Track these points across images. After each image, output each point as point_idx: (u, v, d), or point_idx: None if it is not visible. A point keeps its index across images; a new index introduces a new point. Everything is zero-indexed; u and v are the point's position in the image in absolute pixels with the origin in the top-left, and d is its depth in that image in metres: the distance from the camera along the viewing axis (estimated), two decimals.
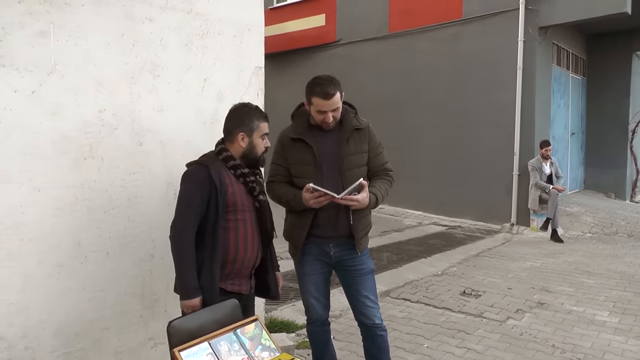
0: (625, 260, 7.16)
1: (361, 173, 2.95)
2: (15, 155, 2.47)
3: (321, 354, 3.24)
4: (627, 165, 11.57)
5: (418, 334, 4.47)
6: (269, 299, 2.92)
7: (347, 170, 2.91)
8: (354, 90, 10.61)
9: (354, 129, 2.95)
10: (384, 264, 6.81)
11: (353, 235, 2.95)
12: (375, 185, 2.97)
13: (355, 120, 2.98)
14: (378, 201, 2.93)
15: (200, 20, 3.23)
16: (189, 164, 2.63)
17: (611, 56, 11.43)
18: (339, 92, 2.86)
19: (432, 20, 10.44)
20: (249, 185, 2.63)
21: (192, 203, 2.48)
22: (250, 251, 2.64)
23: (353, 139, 2.95)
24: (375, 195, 2.90)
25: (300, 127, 2.99)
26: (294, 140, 2.96)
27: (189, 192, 2.51)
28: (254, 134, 2.63)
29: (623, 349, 4.16)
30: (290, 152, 2.97)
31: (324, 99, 2.81)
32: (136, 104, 2.93)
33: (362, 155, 2.97)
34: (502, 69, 9.48)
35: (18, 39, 2.46)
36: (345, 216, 2.91)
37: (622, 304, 5.26)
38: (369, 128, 3.03)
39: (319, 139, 2.94)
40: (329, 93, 2.80)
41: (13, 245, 2.49)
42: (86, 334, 2.79)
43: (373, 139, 3.03)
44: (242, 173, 2.62)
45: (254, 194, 2.64)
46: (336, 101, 2.85)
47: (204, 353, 2.08)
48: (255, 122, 2.63)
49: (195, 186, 2.49)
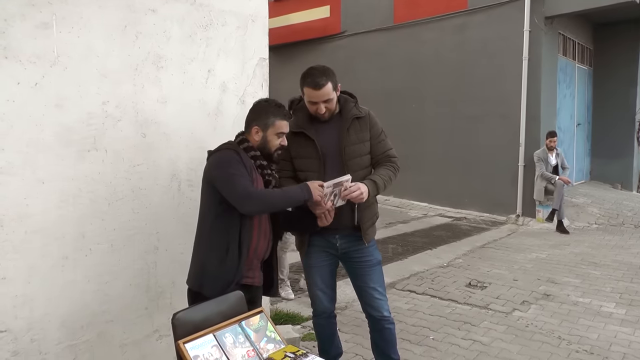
0: (632, 252, 7.12)
1: (364, 162, 2.93)
2: (18, 147, 2.46)
3: (327, 346, 3.24)
4: (633, 155, 11.48)
5: (424, 326, 4.47)
6: (269, 295, 2.91)
7: (349, 159, 2.88)
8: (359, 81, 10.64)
9: (354, 118, 2.92)
10: (390, 256, 6.80)
11: (359, 226, 2.93)
12: (376, 172, 2.94)
13: (355, 109, 2.95)
14: (378, 187, 2.86)
15: (204, 12, 3.20)
16: (213, 151, 2.62)
17: (618, 46, 11.31)
18: (330, 83, 2.81)
19: (437, 11, 10.36)
20: (265, 178, 2.63)
21: (240, 174, 2.46)
22: (262, 241, 2.65)
23: (354, 128, 2.92)
24: (374, 181, 2.84)
25: (302, 120, 2.97)
26: (295, 134, 2.93)
27: (232, 168, 2.47)
28: (269, 130, 2.63)
29: (630, 341, 4.14)
30: (292, 146, 2.94)
31: (314, 89, 2.80)
32: (140, 96, 2.92)
33: (364, 144, 2.94)
34: (508, 59, 9.42)
35: (20, 30, 2.44)
36: (350, 207, 2.89)
37: (628, 295, 5.23)
38: (369, 116, 2.98)
39: (320, 131, 2.92)
40: (318, 84, 2.78)
41: (17, 237, 2.48)
42: (91, 326, 2.79)
43: (374, 126, 2.99)
44: (260, 164, 2.63)
45: (269, 187, 2.65)
46: (327, 92, 2.81)
47: (209, 345, 2.07)
48: (271, 119, 2.62)
49: (236, 162, 2.49)
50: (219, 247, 2.51)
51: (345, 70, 11.20)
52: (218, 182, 2.50)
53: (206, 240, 2.58)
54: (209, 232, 2.57)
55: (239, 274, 2.50)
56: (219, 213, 2.51)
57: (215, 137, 3.02)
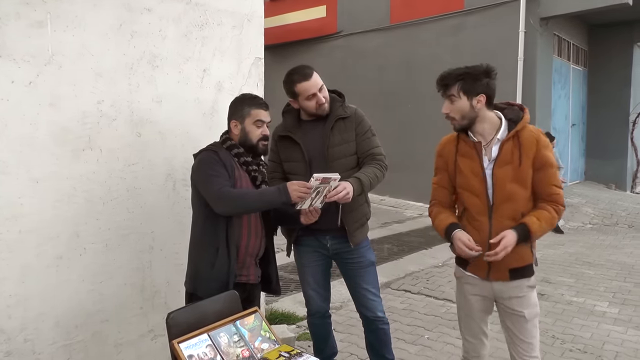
0: (626, 251, 7.16)
1: (349, 163, 2.89)
2: (12, 146, 2.45)
3: (322, 346, 3.24)
4: (627, 156, 11.56)
5: (419, 325, 4.48)
6: (269, 293, 2.90)
7: (333, 161, 2.86)
8: (355, 81, 10.64)
9: (338, 118, 2.90)
10: (385, 256, 6.81)
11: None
12: (361, 170, 2.84)
13: (340, 110, 2.92)
14: (364, 185, 2.73)
15: (200, 11, 3.20)
16: (196, 154, 2.64)
17: (612, 47, 11.37)
18: (315, 73, 2.85)
19: (433, 12, 10.39)
20: (251, 175, 2.64)
21: (217, 174, 2.48)
22: (253, 238, 2.65)
23: (338, 128, 2.89)
24: (359, 179, 2.72)
25: (290, 123, 2.98)
26: (283, 137, 2.97)
27: (210, 169, 2.50)
28: (246, 120, 2.63)
29: (622, 339, 4.16)
30: (281, 150, 2.98)
31: (305, 80, 2.81)
32: (135, 95, 2.91)
33: (349, 145, 2.90)
34: (503, 60, 9.42)
35: (14, 29, 2.43)
36: (335, 209, 2.83)
37: (621, 295, 5.26)
38: (356, 114, 2.93)
39: (307, 133, 2.92)
40: (306, 73, 2.81)
41: (11, 237, 2.48)
42: (86, 326, 2.78)
43: (360, 124, 2.92)
44: (245, 161, 2.63)
45: (256, 183, 2.65)
46: (318, 79, 2.84)
47: (204, 345, 2.07)
48: (246, 109, 2.64)
49: (213, 163, 2.51)
50: (209, 248, 2.54)
51: (341, 70, 11.22)
52: (198, 185, 2.55)
53: (198, 242, 2.62)
54: (200, 234, 2.61)
55: (232, 275, 2.51)
56: (208, 215, 2.52)
57: (210, 136, 3.01)
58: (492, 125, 2.43)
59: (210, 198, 2.47)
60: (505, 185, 2.37)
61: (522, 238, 2.32)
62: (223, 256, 2.51)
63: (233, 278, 2.52)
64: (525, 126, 2.41)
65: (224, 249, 2.51)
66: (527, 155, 2.35)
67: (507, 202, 2.38)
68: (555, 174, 2.42)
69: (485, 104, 2.40)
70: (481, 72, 2.42)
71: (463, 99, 2.39)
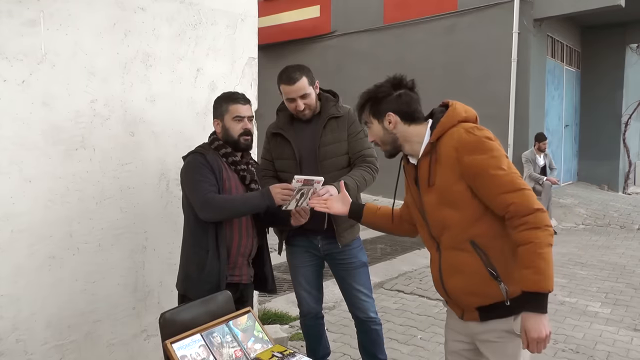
0: (618, 252, 7.20)
1: (340, 162, 2.88)
2: (5, 145, 2.44)
3: (315, 346, 3.24)
4: (620, 157, 11.61)
5: (411, 325, 4.48)
6: (265, 292, 2.89)
7: (324, 160, 2.85)
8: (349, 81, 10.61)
9: (330, 117, 2.88)
10: (378, 256, 6.82)
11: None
12: (349, 173, 2.80)
13: (333, 109, 2.91)
14: (349, 190, 2.65)
15: (193, 10, 3.19)
16: (185, 156, 2.64)
17: (605, 49, 11.42)
18: (306, 78, 2.79)
19: (427, 12, 10.40)
20: (240, 174, 2.63)
21: (203, 179, 2.49)
22: (245, 238, 2.64)
23: (330, 127, 2.88)
24: (345, 183, 2.63)
25: (282, 121, 2.98)
26: (275, 135, 2.97)
27: (196, 174, 2.51)
28: (225, 117, 2.63)
29: (614, 339, 4.19)
30: (272, 147, 2.98)
31: (288, 84, 2.78)
32: (128, 94, 2.90)
33: (340, 144, 2.88)
34: (497, 61, 9.48)
35: (7, 27, 2.42)
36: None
37: (614, 295, 5.29)
38: (349, 114, 2.91)
39: (299, 132, 2.92)
40: (292, 78, 2.76)
41: (3, 236, 2.46)
42: (78, 326, 2.77)
43: (353, 124, 2.89)
44: (233, 161, 2.63)
45: (245, 182, 2.64)
46: (302, 86, 2.78)
47: (197, 345, 2.06)
48: (224, 106, 2.63)
49: (200, 167, 2.51)
50: (199, 250, 2.54)
51: (334, 70, 11.22)
52: (185, 189, 2.57)
53: (188, 244, 2.62)
54: (190, 236, 2.61)
55: (222, 276, 2.51)
56: (197, 217, 2.52)
57: (204, 136, 3.00)
58: (420, 141, 2.05)
59: (195, 204, 2.49)
60: (434, 213, 2.01)
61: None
62: (213, 258, 2.51)
63: (224, 280, 2.52)
64: (446, 132, 1.97)
65: (213, 251, 2.51)
66: (446, 169, 1.93)
67: (444, 231, 1.99)
68: (504, 178, 1.84)
69: (402, 120, 2.07)
70: (387, 88, 2.12)
71: (375, 123, 2.11)
